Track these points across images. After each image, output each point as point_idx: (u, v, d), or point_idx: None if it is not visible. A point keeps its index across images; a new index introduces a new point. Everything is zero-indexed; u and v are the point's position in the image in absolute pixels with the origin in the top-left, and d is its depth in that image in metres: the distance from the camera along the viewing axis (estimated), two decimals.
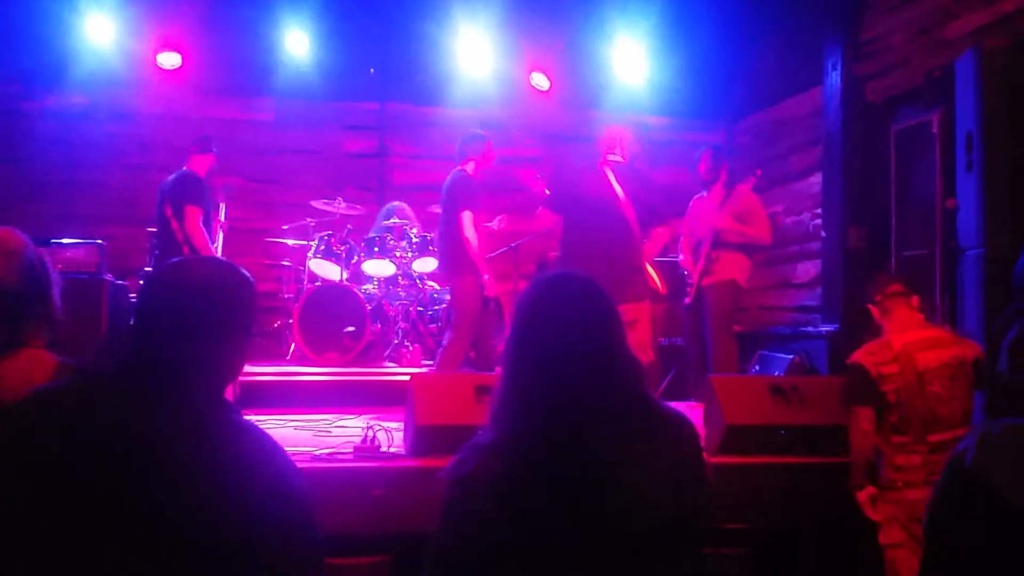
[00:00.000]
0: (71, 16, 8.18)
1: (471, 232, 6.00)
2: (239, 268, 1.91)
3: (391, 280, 7.82)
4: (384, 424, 4.15)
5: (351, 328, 7.32)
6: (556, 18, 8.71)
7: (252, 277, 1.92)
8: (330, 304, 7.38)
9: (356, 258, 7.75)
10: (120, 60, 8.42)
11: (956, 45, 6.18)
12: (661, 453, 1.88)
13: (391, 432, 4.05)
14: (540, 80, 9.09)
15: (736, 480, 3.78)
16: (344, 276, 7.64)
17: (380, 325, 7.80)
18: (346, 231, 7.88)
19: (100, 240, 6.58)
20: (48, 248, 6.43)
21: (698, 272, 6.31)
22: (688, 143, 8.76)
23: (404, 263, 7.68)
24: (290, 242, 8.28)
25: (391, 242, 7.64)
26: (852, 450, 3.67)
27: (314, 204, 8.16)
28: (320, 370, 7.00)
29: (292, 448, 1.87)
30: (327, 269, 7.75)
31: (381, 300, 7.81)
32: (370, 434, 3.96)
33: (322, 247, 7.72)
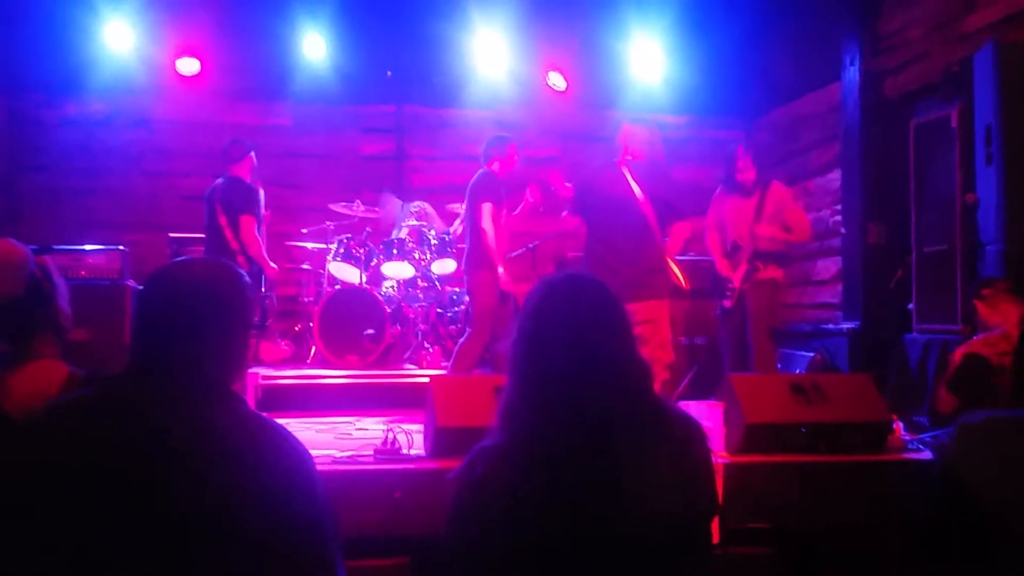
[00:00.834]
0: (90, 23, 8.25)
1: (488, 224, 6.06)
2: (229, 264, 1.98)
3: (410, 282, 7.84)
4: (404, 426, 4.16)
5: (371, 331, 7.34)
6: (572, 17, 8.71)
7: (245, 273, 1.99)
8: (350, 307, 7.41)
9: (375, 260, 7.77)
10: (139, 67, 8.49)
11: (975, 39, 6.14)
12: (669, 456, 1.87)
13: (411, 434, 4.06)
14: (557, 80, 9.08)
15: (757, 479, 3.77)
16: (363, 279, 7.66)
17: (400, 327, 7.82)
18: (365, 234, 7.91)
19: (122, 246, 6.63)
20: (70, 255, 6.49)
21: (739, 277, 6.21)
22: (706, 141, 8.75)
23: (423, 265, 7.70)
24: (309, 245, 8.32)
25: (410, 244, 7.67)
26: None
27: (333, 207, 8.20)
28: (340, 373, 7.01)
29: (314, 451, 1.88)
30: (346, 272, 7.78)
31: (400, 302, 7.83)
32: (390, 436, 3.97)
33: (341, 250, 7.76)
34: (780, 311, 6.77)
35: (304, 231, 8.41)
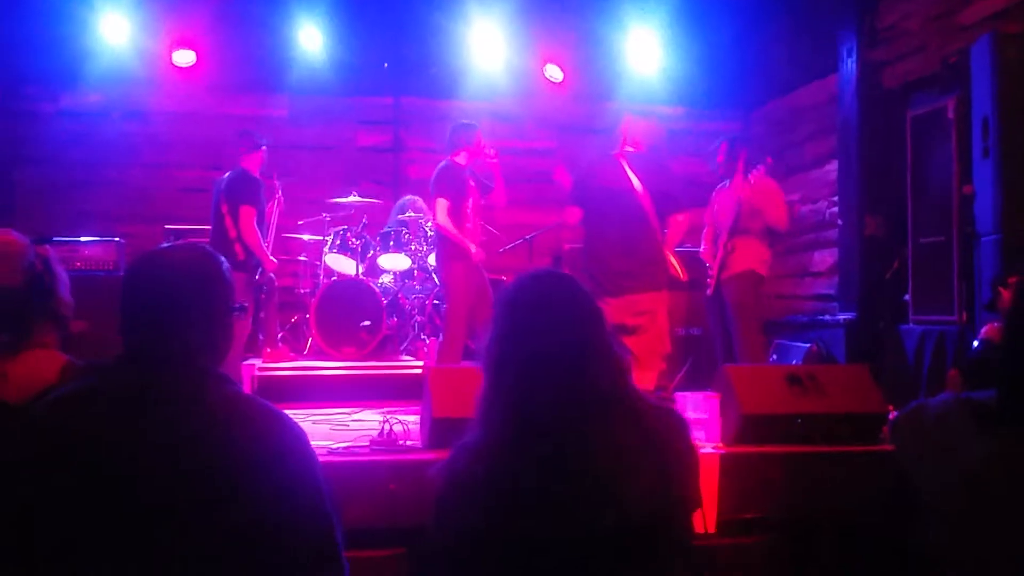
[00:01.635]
0: (86, 15, 8.22)
1: (443, 218, 6.17)
2: (208, 249, 1.99)
3: (407, 274, 7.84)
4: (401, 417, 4.16)
5: (367, 322, 7.34)
6: (569, 9, 8.71)
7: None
8: (346, 299, 7.40)
9: (372, 252, 7.77)
10: (135, 59, 8.46)
11: (972, 30, 6.14)
12: (647, 449, 1.87)
13: (408, 425, 4.06)
14: (554, 72, 9.07)
15: (752, 470, 3.78)
16: (360, 270, 7.66)
17: (396, 319, 7.83)
18: (361, 226, 7.91)
19: (118, 238, 6.63)
20: (67, 246, 6.49)
21: (717, 263, 6.23)
22: (704, 133, 8.73)
23: (419, 257, 7.70)
24: (306, 237, 8.31)
25: (406, 236, 7.67)
26: None
27: (329, 199, 8.19)
28: (337, 364, 7.02)
29: (310, 442, 1.90)
30: (343, 264, 7.78)
31: (397, 294, 7.83)
32: (387, 427, 3.97)
33: (338, 242, 7.76)
34: (765, 303, 6.76)
35: (300, 223, 8.40)
